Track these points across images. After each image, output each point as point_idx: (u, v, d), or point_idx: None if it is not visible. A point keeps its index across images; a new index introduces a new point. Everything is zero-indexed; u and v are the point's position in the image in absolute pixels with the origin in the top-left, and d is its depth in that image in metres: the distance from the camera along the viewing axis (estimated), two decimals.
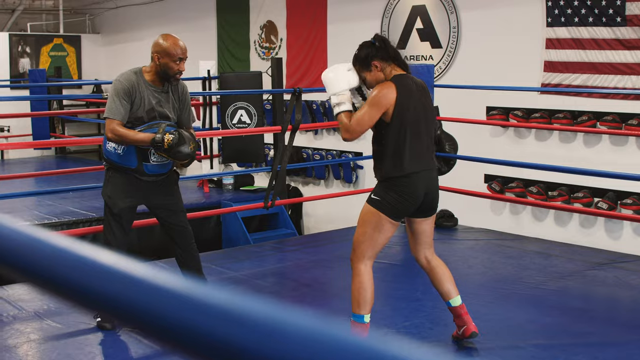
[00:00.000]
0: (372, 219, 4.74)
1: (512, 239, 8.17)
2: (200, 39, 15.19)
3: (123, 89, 5.09)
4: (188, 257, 5.54)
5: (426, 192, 4.79)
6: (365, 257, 4.77)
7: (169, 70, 5.16)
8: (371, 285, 4.77)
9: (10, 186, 11.09)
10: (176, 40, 5.21)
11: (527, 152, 9.35)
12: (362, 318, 4.74)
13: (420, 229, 4.97)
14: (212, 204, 10.36)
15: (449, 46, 10.60)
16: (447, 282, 5.00)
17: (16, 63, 17.81)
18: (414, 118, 4.74)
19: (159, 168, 5.26)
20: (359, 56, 4.88)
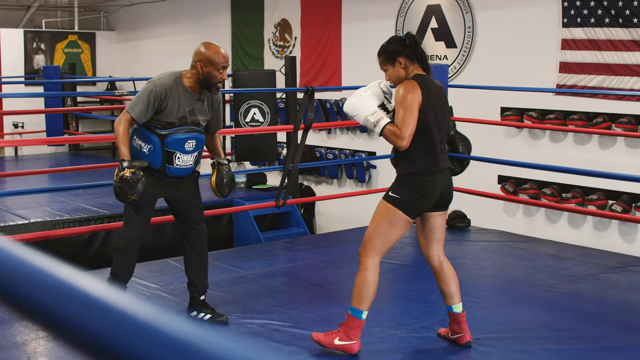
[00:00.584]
0: (388, 215, 4.73)
1: (525, 241, 8.12)
2: (214, 37, 15.15)
3: (154, 92, 5.05)
4: (197, 259, 5.51)
5: (443, 190, 4.80)
6: (375, 252, 4.77)
7: (212, 79, 5.13)
8: (376, 282, 4.77)
9: (24, 182, 11.14)
10: (218, 49, 5.18)
11: (541, 153, 9.30)
12: (360, 314, 4.74)
13: (433, 224, 4.96)
14: (224, 203, 10.33)
15: (463, 46, 10.55)
16: (453, 286, 4.99)
17: (31, 60, 17.84)
18: (434, 118, 4.75)
19: (182, 171, 5.25)
20: (387, 49, 4.88)
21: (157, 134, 5.12)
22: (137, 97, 5.09)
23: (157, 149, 5.14)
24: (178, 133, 5.14)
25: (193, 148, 5.23)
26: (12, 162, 15.92)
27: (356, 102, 4.87)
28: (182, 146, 5.16)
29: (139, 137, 5.18)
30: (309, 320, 5.54)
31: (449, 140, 8.38)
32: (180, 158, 5.19)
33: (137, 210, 5.30)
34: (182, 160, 5.20)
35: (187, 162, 5.24)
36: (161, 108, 5.08)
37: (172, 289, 6.32)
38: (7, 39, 17.53)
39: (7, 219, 8.93)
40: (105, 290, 0.80)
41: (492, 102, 9.71)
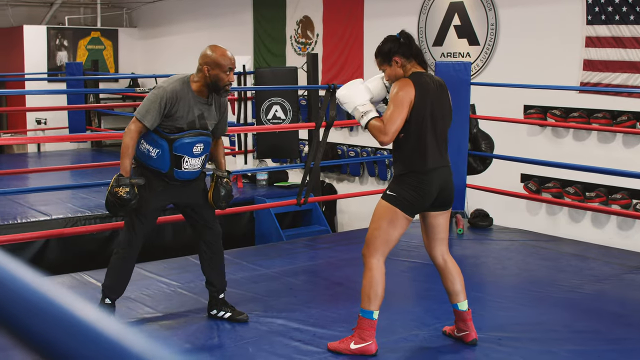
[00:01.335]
0: (387, 214, 4.73)
1: (547, 240, 8.06)
2: (236, 34, 15.19)
3: (165, 98, 5.02)
4: (213, 257, 5.49)
5: (441, 188, 4.78)
6: (379, 252, 4.77)
7: (220, 82, 5.10)
8: (382, 281, 4.75)
9: (46, 179, 11.16)
10: (224, 51, 5.14)
11: (564, 152, 9.23)
12: (371, 314, 4.73)
13: (434, 222, 4.95)
14: (245, 200, 10.33)
15: (486, 43, 10.49)
16: (459, 284, 4.98)
17: (54, 56, 17.91)
18: (432, 115, 4.74)
19: (190, 175, 5.24)
20: (382, 49, 4.90)
21: (165, 138, 5.10)
22: (147, 104, 5.04)
23: (165, 153, 5.12)
24: (186, 137, 5.12)
25: (201, 152, 5.22)
26: (35, 158, 15.98)
27: (349, 91, 4.89)
28: (190, 150, 5.15)
29: (146, 141, 5.15)
30: (330, 319, 5.52)
31: (471, 139, 8.33)
32: (189, 162, 5.17)
33: (142, 217, 5.26)
34: (190, 164, 5.19)
35: (194, 165, 5.23)
36: (171, 113, 5.05)
37: (193, 287, 6.31)
38: (30, 35, 17.61)
39: (29, 215, 8.95)
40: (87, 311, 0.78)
41: (515, 100, 9.66)
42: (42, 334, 0.76)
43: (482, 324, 5.35)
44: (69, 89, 15.40)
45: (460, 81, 8.18)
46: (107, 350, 0.74)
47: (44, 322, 0.76)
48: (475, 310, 5.65)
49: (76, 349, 0.75)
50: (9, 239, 6.80)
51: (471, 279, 6.80)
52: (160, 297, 6.11)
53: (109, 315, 0.79)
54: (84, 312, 0.77)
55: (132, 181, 5.00)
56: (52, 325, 0.76)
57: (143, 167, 5.21)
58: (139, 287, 6.21)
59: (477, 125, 8.51)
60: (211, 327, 5.42)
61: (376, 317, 4.75)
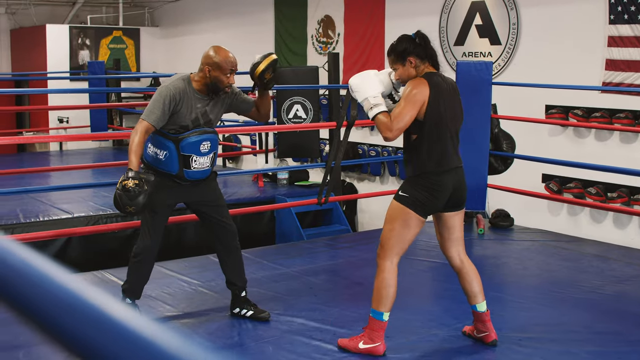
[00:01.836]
0: (401, 215, 4.72)
1: (569, 241, 8.02)
2: (257, 33, 15.22)
3: (169, 96, 5.05)
4: (229, 256, 5.50)
5: (454, 189, 4.77)
6: (393, 253, 4.76)
7: (220, 84, 5.14)
8: (395, 284, 4.74)
9: (68, 177, 11.24)
10: (227, 54, 5.18)
11: (586, 152, 9.20)
12: (381, 315, 4.73)
13: (449, 223, 4.93)
14: (266, 199, 10.34)
15: (508, 43, 10.47)
16: (477, 285, 4.96)
17: (76, 55, 18.00)
18: (445, 116, 4.71)
19: (199, 174, 5.25)
20: (397, 48, 4.89)
21: (171, 139, 5.12)
22: (153, 104, 5.06)
23: (172, 154, 5.14)
24: (192, 136, 5.14)
25: (208, 149, 5.24)
26: (57, 157, 16.06)
27: (362, 81, 4.86)
28: (197, 149, 5.17)
29: (153, 144, 5.19)
30: (350, 318, 5.52)
31: (492, 138, 8.31)
32: (197, 161, 5.19)
33: (155, 218, 5.29)
34: (198, 163, 5.20)
35: (203, 164, 5.24)
36: (175, 111, 5.07)
37: (213, 286, 6.33)
38: (53, 34, 17.71)
39: (51, 213, 9.00)
40: (111, 304, 0.78)
41: (536, 99, 9.63)
42: (76, 332, 0.77)
43: (502, 325, 5.34)
44: (91, 88, 15.47)
45: (482, 81, 8.16)
46: (142, 350, 0.75)
47: (78, 320, 0.77)
48: (495, 311, 5.64)
49: (111, 348, 0.75)
50: (31, 236, 6.84)
51: (492, 279, 6.79)
52: (181, 295, 6.13)
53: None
54: (119, 312, 0.78)
55: (141, 175, 4.99)
56: (87, 324, 0.77)
57: (153, 171, 5.22)
58: (160, 286, 6.23)
59: (499, 125, 8.49)
60: (232, 325, 5.43)
61: (386, 318, 4.75)
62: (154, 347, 0.75)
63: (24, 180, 11.06)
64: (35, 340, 5.09)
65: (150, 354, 0.74)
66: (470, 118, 8.20)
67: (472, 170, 8.24)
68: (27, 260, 0.85)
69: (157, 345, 0.75)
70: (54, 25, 17.96)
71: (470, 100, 8.18)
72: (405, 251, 4.85)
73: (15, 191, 8.51)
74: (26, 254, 0.86)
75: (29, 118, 18.61)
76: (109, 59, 18.03)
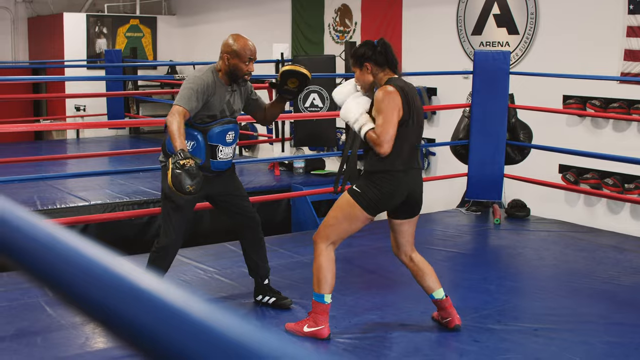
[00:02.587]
0: (347, 208, 4.79)
1: (585, 232, 8.00)
2: (274, 22, 15.20)
3: (203, 85, 5.06)
4: (254, 246, 5.52)
5: (409, 192, 4.82)
6: (329, 240, 4.84)
7: (238, 72, 5.15)
8: (332, 268, 4.84)
9: (85, 165, 11.28)
10: (246, 42, 5.19)
11: (603, 142, 9.15)
12: (322, 297, 4.83)
13: (401, 229, 5.00)
14: (282, 187, 10.36)
15: (526, 33, 10.42)
16: (429, 278, 5.02)
17: (93, 43, 18.03)
18: (407, 119, 4.74)
19: (224, 165, 5.27)
20: (356, 53, 4.89)
21: (198, 129, 5.13)
22: (186, 92, 5.04)
23: (200, 144, 5.14)
24: (217, 126, 5.16)
25: (233, 140, 5.27)
26: (74, 145, 16.13)
27: (344, 109, 4.88)
28: (223, 139, 5.19)
29: None
30: (364, 307, 5.53)
31: (509, 128, 8.29)
32: (223, 151, 5.21)
33: (178, 211, 5.25)
34: (224, 153, 5.22)
35: (228, 154, 5.27)
36: (207, 101, 5.10)
37: (229, 273, 6.35)
38: (70, 23, 17.74)
39: (68, 200, 9.04)
40: (158, 284, 0.78)
41: (554, 89, 9.59)
42: (139, 322, 0.77)
43: (518, 314, 5.34)
44: (108, 76, 15.51)
45: (500, 70, 8.14)
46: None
47: (140, 309, 0.77)
48: (511, 301, 5.66)
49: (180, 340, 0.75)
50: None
51: (508, 269, 6.79)
52: (198, 283, 6.15)
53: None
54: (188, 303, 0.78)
55: (195, 158, 4.93)
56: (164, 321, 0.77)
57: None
58: (176, 273, 6.25)
59: (516, 115, 8.47)
60: (247, 313, 5.45)
61: (328, 301, 4.84)
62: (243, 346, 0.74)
63: (41, 168, 11.11)
64: (53, 326, 5.13)
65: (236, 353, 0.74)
66: (487, 108, 8.21)
67: (489, 160, 8.24)
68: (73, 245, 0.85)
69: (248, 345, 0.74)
70: (71, 14, 17.99)
71: (488, 90, 8.17)
72: (342, 241, 4.96)
73: (33, 178, 8.55)
74: (69, 237, 0.87)
75: (46, 106, 18.66)
76: (126, 47, 18.05)
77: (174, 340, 0.74)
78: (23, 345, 4.83)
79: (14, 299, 5.64)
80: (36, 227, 0.88)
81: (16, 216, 0.90)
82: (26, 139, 17.34)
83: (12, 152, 12.75)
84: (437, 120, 11.77)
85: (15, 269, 0.90)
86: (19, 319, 5.26)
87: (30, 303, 5.55)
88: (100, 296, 0.79)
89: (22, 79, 15.12)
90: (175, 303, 0.77)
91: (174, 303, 0.77)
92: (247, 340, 0.72)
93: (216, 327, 0.74)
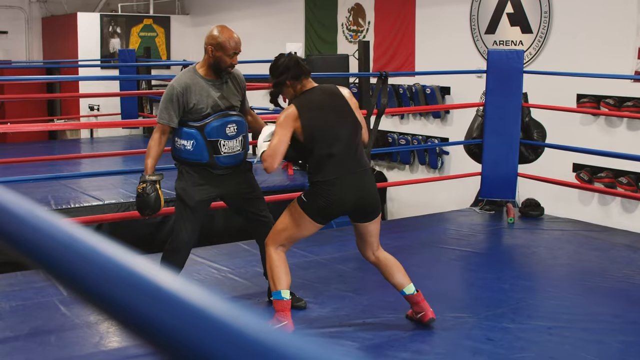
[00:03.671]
0: (295, 215, 4.86)
1: (599, 231, 7.98)
2: (287, 21, 15.21)
3: (175, 94, 5.12)
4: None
5: (357, 198, 4.83)
6: (278, 243, 4.93)
7: (222, 64, 5.14)
8: (284, 265, 4.90)
9: (99, 164, 11.31)
10: (231, 34, 5.18)
11: (618, 141, 9.13)
12: (279, 294, 4.85)
13: (364, 230, 5.03)
14: (295, 187, 10.35)
15: (539, 31, 10.40)
16: (398, 274, 5.05)
17: (107, 43, 18.08)
18: (325, 127, 4.80)
19: (232, 159, 5.22)
20: (273, 76, 4.98)
21: (195, 127, 5.12)
22: (162, 104, 5.16)
23: (199, 141, 5.12)
24: (214, 120, 5.13)
25: (235, 132, 5.21)
26: (88, 144, 16.18)
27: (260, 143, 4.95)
28: (223, 132, 5.15)
29: (179, 137, 5.18)
30: (379, 306, 5.52)
31: (523, 127, 8.28)
32: (226, 145, 5.16)
33: (190, 212, 5.25)
34: (228, 147, 5.17)
35: (233, 148, 5.21)
36: (189, 104, 5.11)
37: (243, 272, 6.35)
38: (84, 23, 17.80)
39: (82, 200, 9.07)
40: (178, 284, 0.78)
41: (568, 88, 9.56)
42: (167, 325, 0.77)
43: (532, 313, 5.34)
44: (122, 76, 15.55)
45: (513, 69, 8.13)
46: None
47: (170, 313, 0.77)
48: (526, 299, 5.64)
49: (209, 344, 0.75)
50: None
51: (522, 268, 6.78)
52: (211, 282, 6.15)
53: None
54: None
55: (149, 177, 5.12)
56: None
57: (186, 165, 5.21)
58: (190, 272, 6.25)
59: (530, 114, 8.45)
60: (261, 313, 5.45)
61: (286, 296, 4.85)
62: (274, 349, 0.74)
63: (55, 168, 11.15)
64: (67, 325, 5.15)
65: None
66: (501, 107, 8.19)
67: (503, 159, 8.23)
68: (92, 243, 0.86)
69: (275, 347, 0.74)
70: (85, 14, 18.05)
71: (502, 89, 8.16)
72: (293, 244, 5.07)
73: (47, 178, 8.59)
74: (89, 236, 0.87)
75: (60, 106, 18.73)
76: (140, 47, 18.10)
77: (196, 339, 0.74)
78: (37, 344, 4.84)
79: (28, 298, 5.67)
80: (56, 226, 0.88)
81: (35, 215, 0.90)
82: (40, 138, 17.41)
83: (26, 152, 12.81)
84: (450, 120, 11.76)
85: (34, 268, 0.90)
86: (32, 318, 5.28)
87: (44, 302, 5.57)
88: (121, 295, 0.79)
89: (36, 79, 15.18)
90: (197, 302, 0.77)
91: (196, 302, 0.77)
92: (270, 340, 0.72)
93: (239, 327, 0.74)
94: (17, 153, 12.75)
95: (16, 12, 18.67)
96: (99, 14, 18.20)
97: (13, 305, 5.54)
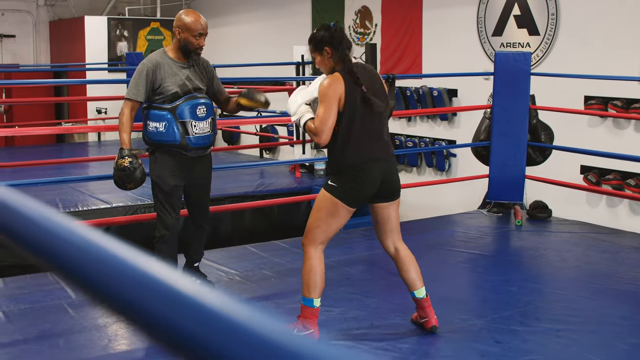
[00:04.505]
0: (328, 205, 4.75)
1: (607, 233, 7.97)
2: (294, 24, 15.22)
3: (145, 70, 5.30)
4: (196, 232, 5.80)
5: (383, 180, 4.77)
6: (317, 241, 4.81)
7: (190, 45, 5.35)
8: (322, 270, 4.80)
9: (107, 167, 11.30)
10: (197, 16, 5.42)
11: (625, 143, 9.11)
12: (311, 302, 4.76)
13: (384, 214, 4.94)
14: (303, 189, 10.37)
15: (546, 33, 10.39)
16: (413, 272, 4.99)
17: (114, 46, 18.11)
18: (363, 108, 4.71)
19: (203, 140, 5.41)
20: (315, 37, 4.84)
21: (166, 109, 5.28)
22: (132, 82, 5.31)
23: (171, 122, 5.28)
24: (185, 102, 5.30)
25: (205, 114, 5.39)
26: (95, 147, 16.20)
27: (289, 103, 4.87)
28: (194, 113, 5.33)
29: (151, 119, 5.35)
30: (387, 309, 5.53)
31: (530, 129, 8.27)
32: (197, 126, 5.34)
33: (167, 196, 5.41)
34: (199, 128, 5.35)
35: (204, 129, 5.39)
36: (158, 81, 5.28)
37: (251, 275, 6.36)
38: (91, 26, 17.84)
39: (90, 203, 9.09)
40: (188, 284, 0.79)
41: (575, 90, 9.55)
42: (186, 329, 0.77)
43: (540, 316, 5.33)
44: (129, 79, 15.56)
45: (520, 71, 8.13)
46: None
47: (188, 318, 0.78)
48: (533, 302, 5.64)
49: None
50: None
51: (530, 270, 6.78)
52: (219, 285, 6.16)
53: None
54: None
55: (132, 151, 5.23)
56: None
57: (158, 147, 5.38)
58: None
59: (537, 116, 8.44)
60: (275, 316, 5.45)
61: (317, 304, 4.78)
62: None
63: (63, 171, 11.16)
64: (75, 328, 5.16)
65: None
66: (508, 109, 8.19)
67: (510, 161, 8.22)
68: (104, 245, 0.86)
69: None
70: (92, 17, 18.09)
71: (509, 91, 8.16)
72: (330, 240, 4.93)
73: (55, 181, 8.58)
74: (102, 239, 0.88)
75: (68, 109, 18.76)
76: (147, 50, 18.12)
77: (211, 340, 0.75)
78: (45, 347, 4.85)
79: (36, 301, 5.68)
80: (70, 229, 0.88)
81: (49, 219, 0.91)
82: (48, 141, 17.43)
83: (34, 155, 12.83)
84: (457, 122, 11.75)
85: (48, 270, 0.91)
86: (41, 320, 5.29)
87: (52, 305, 5.59)
88: (136, 297, 0.80)
89: (44, 82, 15.21)
90: (212, 304, 0.77)
91: (211, 304, 0.77)
92: (285, 341, 0.73)
93: (253, 328, 0.74)
94: (25, 156, 12.77)
95: (24, 15, 18.71)
96: (107, 18, 18.23)
97: (22, 308, 5.56)
